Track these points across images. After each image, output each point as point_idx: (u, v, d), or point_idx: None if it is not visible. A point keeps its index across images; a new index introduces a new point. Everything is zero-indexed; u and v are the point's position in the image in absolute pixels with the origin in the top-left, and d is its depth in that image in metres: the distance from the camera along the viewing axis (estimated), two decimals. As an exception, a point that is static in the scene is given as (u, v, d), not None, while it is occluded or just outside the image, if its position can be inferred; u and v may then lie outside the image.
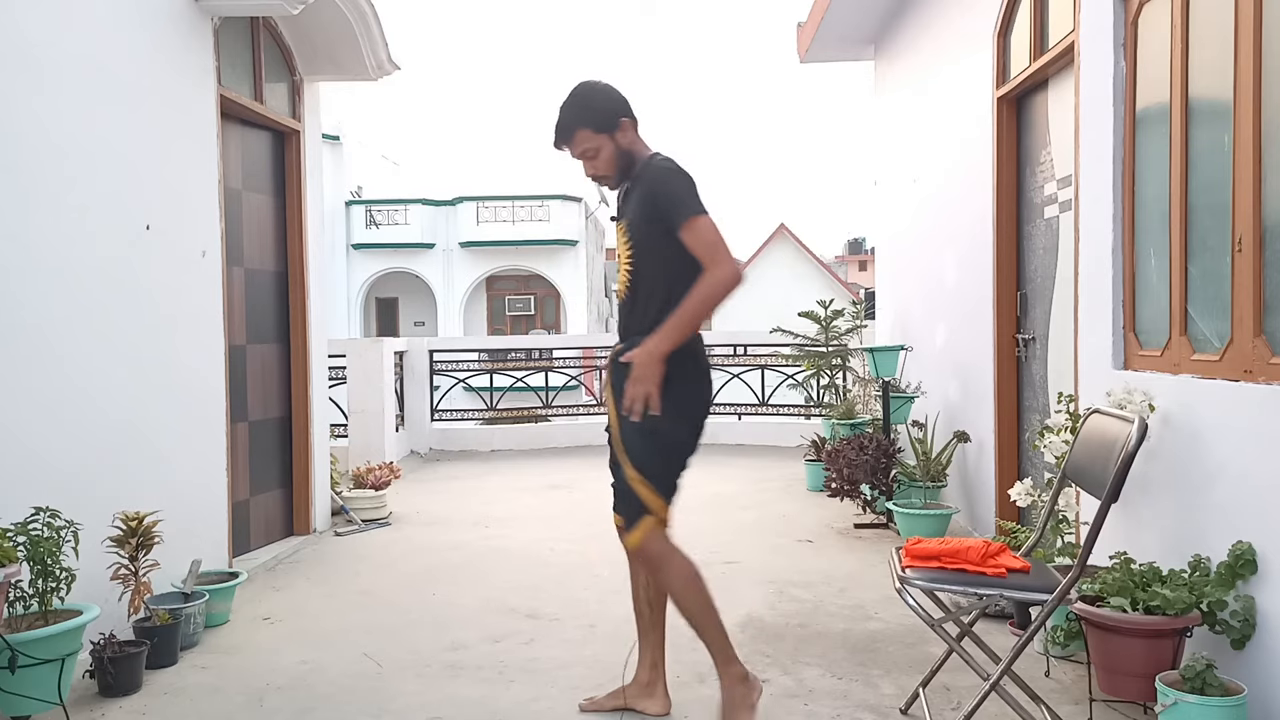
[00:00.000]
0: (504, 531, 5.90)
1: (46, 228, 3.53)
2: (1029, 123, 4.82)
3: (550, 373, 10.26)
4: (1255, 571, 2.69)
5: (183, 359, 4.42)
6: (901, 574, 2.84)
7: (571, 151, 2.99)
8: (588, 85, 3.01)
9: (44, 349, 3.51)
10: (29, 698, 2.94)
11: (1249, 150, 2.78)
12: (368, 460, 7.29)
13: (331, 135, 23.90)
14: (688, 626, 3.00)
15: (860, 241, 50.01)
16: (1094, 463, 2.87)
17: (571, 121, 2.95)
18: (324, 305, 6.07)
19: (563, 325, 28.72)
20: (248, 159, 5.32)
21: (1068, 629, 3.29)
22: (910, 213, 6.79)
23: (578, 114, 2.95)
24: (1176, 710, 2.51)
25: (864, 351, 6.86)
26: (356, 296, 28.20)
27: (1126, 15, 3.56)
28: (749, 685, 2.96)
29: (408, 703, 3.27)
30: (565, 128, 2.96)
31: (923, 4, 6.39)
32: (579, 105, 2.96)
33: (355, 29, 5.59)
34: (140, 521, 3.67)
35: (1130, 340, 3.57)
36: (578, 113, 2.95)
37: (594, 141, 2.95)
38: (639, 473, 2.93)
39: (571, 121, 2.95)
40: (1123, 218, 3.59)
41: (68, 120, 3.67)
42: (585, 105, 2.96)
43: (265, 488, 5.49)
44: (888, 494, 5.70)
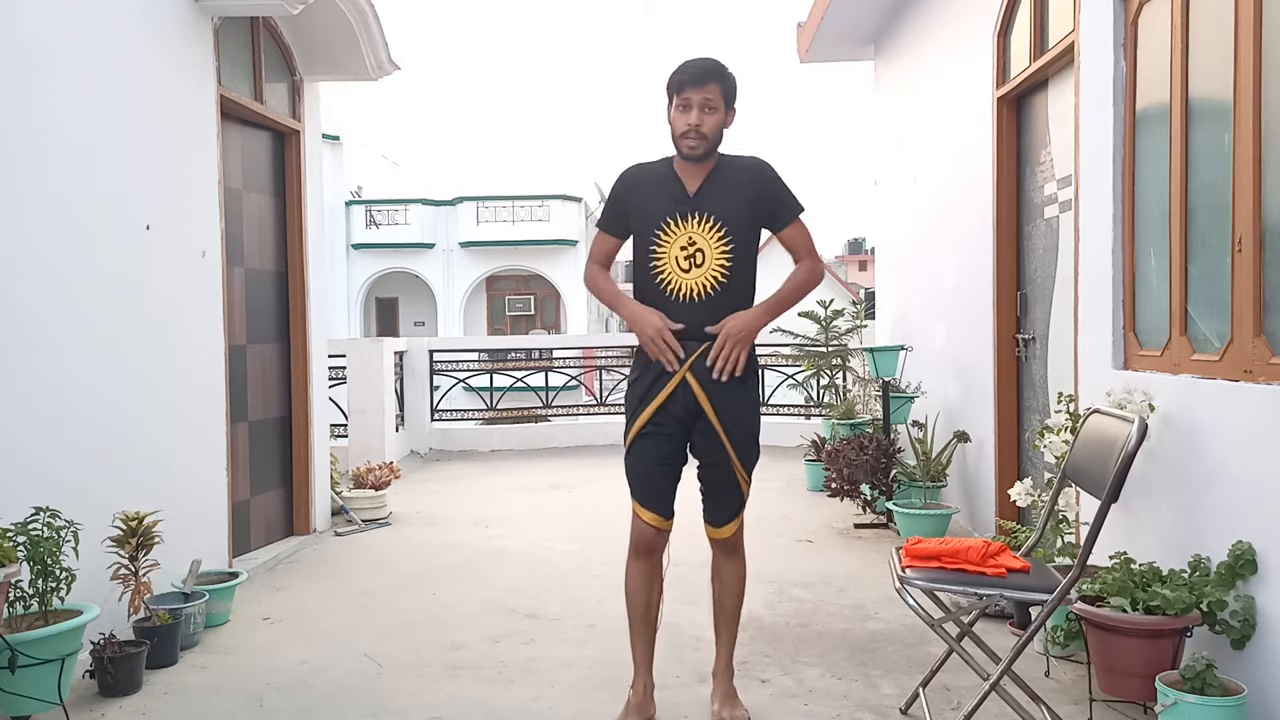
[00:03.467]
0: (504, 531, 5.90)
1: (46, 228, 3.53)
2: (1029, 123, 4.82)
3: (550, 373, 10.26)
4: (1255, 571, 2.69)
5: (183, 359, 4.42)
6: (901, 574, 2.84)
7: (696, 97, 2.87)
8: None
9: (44, 349, 3.51)
10: (29, 698, 2.94)
11: (1249, 150, 2.78)
12: (368, 460, 7.29)
13: (331, 135, 23.89)
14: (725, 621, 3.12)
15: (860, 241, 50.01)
16: (1094, 463, 2.87)
17: (716, 74, 2.90)
18: (324, 305, 6.07)
19: (563, 325, 28.73)
20: (248, 159, 5.32)
21: (1068, 629, 3.29)
22: (910, 213, 6.79)
23: (721, 72, 2.92)
24: (1176, 710, 2.51)
25: (864, 351, 6.86)
26: (356, 296, 28.20)
27: (1126, 15, 3.56)
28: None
29: (408, 703, 3.27)
30: (712, 73, 2.90)
31: (923, 4, 6.38)
32: (723, 67, 2.94)
33: (355, 29, 5.59)
34: (140, 521, 3.67)
35: (1130, 340, 3.56)
36: (721, 71, 2.92)
37: (718, 102, 2.90)
38: (745, 468, 3.01)
39: (716, 74, 2.90)
40: (1123, 218, 3.59)
41: (67, 120, 3.67)
42: (727, 72, 2.94)
43: (265, 488, 5.49)
44: (888, 494, 5.70)
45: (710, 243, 2.94)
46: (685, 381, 2.92)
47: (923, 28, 6.42)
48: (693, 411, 2.94)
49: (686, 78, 2.89)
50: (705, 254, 2.93)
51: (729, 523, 3.05)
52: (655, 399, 2.95)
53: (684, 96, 2.88)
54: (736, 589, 3.13)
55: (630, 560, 3.06)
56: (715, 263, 2.94)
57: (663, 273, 2.96)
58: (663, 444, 2.98)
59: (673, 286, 2.95)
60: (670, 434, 2.98)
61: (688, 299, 2.94)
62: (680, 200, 2.96)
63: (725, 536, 3.07)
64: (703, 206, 2.94)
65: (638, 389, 3.01)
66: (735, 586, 3.12)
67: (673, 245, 2.95)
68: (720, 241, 2.94)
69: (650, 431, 2.97)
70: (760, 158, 3.06)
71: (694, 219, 2.94)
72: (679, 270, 2.95)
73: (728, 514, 3.05)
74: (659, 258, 2.96)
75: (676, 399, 2.94)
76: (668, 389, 2.93)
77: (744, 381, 2.99)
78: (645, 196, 3.02)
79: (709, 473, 3.03)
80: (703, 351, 2.91)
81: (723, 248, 2.94)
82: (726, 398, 2.94)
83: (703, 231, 2.94)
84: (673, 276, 2.95)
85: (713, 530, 3.08)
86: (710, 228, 2.94)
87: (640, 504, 3.01)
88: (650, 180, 3.03)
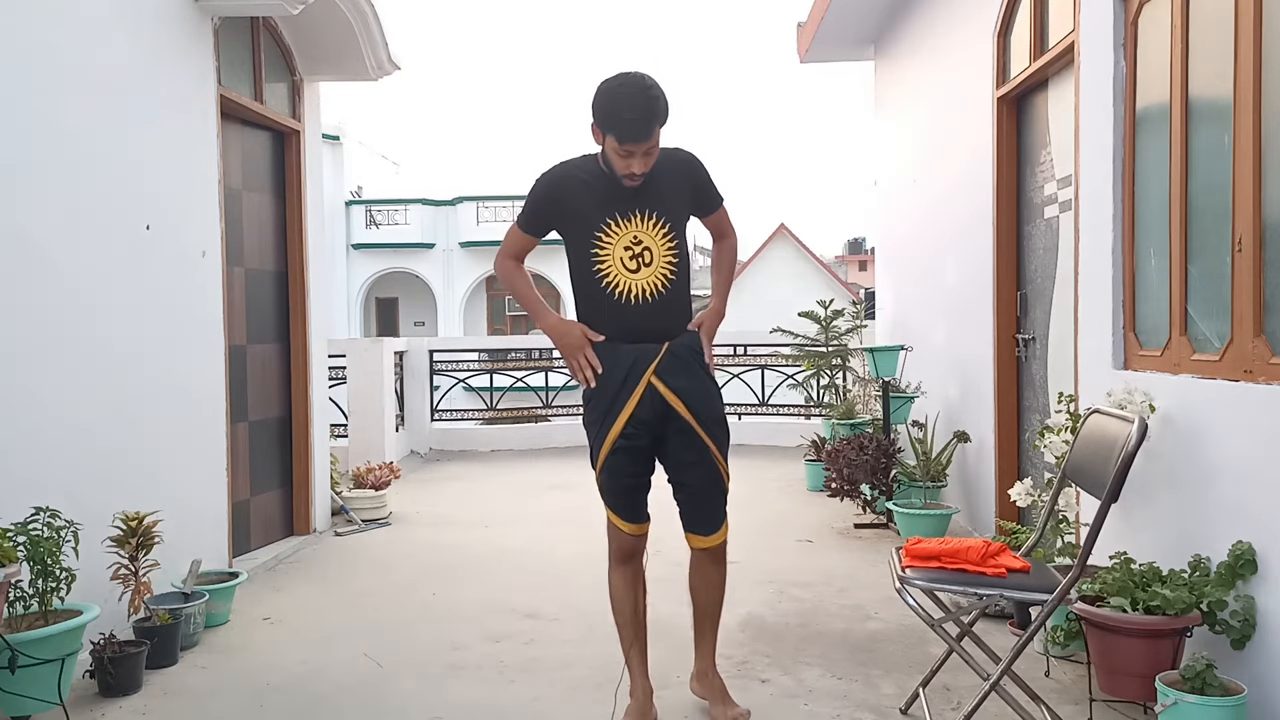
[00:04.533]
0: (504, 531, 5.90)
1: (46, 227, 3.53)
2: (1029, 123, 4.82)
3: (550, 373, 10.26)
4: (1255, 571, 2.69)
5: (183, 359, 4.42)
6: (901, 574, 2.84)
7: (645, 147, 2.74)
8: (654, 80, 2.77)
9: (43, 349, 3.51)
10: (29, 698, 2.94)
11: (1249, 150, 2.78)
12: (368, 460, 7.28)
13: (331, 135, 23.89)
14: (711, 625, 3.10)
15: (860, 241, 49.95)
16: (1094, 463, 2.87)
17: (658, 117, 2.73)
18: (324, 305, 6.07)
19: (563, 325, 28.67)
20: (248, 159, 5.32)
21: (1068, 629, 3.29)
22: (910, 213, 6.79)
23: (662, 112, 2.73)
24: (1176, 710, 2.51)
25: (864, 351, 6.86)
26: (356, 296, 28.19)
27: (1126, 15, 3.56)
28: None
29: (408, 703, 3.27)
30: (653, 120, 2.72)
31: (923, 4, 6.38)
32: (660, 102, 2.73)
33: (355, 29, 5.59)
34: (140, 521, 3.67)
35: (1130, 340, 3.56)
36: (662, 110, 2.73)
37: (657, 140, 2.78)
38: (724, 456, 2.96)
39: (658, 117, 2.73)
40: (1123, 218, 3.59)
41: (67, 120, 3.67)
42: (663, 105, 2.74)
43: (265, 488, 5.49)
44: (888, 494, 5.70)
45: (657, 240, 2.85)
46: (651, 386, 2.85)
47: (923, 28, 6.42)
48: (663, 415, 2.87)
49: (628, 135, 2.71)
50: (653, 252, 2.84)
51: (718, 529, 2.98)
52: (623, 410, 2.86)
53: (627, 147, 2.73)
54: (721, 590, 3.11)
55: (613, 569, 3.05)
56: (663, 260, 2.86)
57: (608, 275, 2.85)
58: (636, 457, 2.91)
59: (621, 289, 2.84)
60: (641, 445, 2.91)
61: (639, 301, 2.84)
62: (617, 198, 2.84)
63: (716, 544, 2.99)
64: (646, 203, 2.84)
65: (600, 404, 2.91)
66: (721, 588, 3.11)
67: (617, 245, 2.84)
68: (666, 238, 2.86)
69: (621, 446, 2.88)
70: (687, 150, 2.98)
71: (637, 216, 2.84)
72: (625, 271, 2.84)
73: (717, 518, 2.98)
74: (602, 260, 2.84)
75: (645, 405, 2.86)
76: (635, 396, 2.85)
77: (705, 370, 2.97)
78: (579, 196, 2.87)
79: (689, 474, 2.93)
80: (666, 352, 2.86)
81: (668, 244, 2.87)
82: (695, 391, 2.89)
83: (648, 229, 2.85)
84: (620, 278, 2.84)
85: (701, 540, 2.99)
86: (655, 224, 2.85)
87: (620, 516, 2.97)
88: (580, 179, 2.89)
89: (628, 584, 3.04)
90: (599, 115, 2.77)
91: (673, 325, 2.92)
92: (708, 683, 3.10)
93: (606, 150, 2.81)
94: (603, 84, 2.78)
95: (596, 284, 2.87)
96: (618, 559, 3.03)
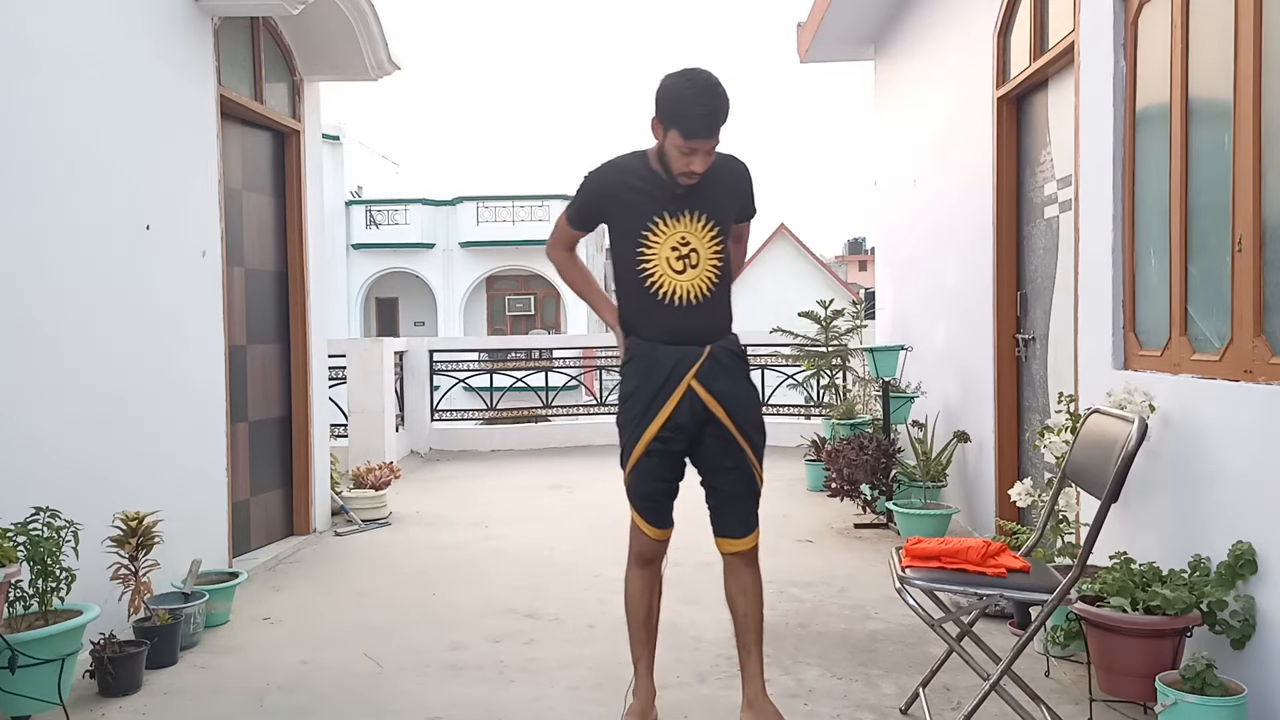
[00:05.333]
0: (504, 531, 5.90)
1: (46, 228, 3.53)
2: (1029, 123, 4.82)
3: (550, 373, 10.26)
4: (1255, 571, 2.69)
5: (183, 359, 4.42)
6: (901, 574, 2.84)
7: (709, 145, 2.71)
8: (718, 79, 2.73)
9: (44, 349, 3.51)
10: (29, 698, 2.94)
11: (1249, 150, 2.78)
12: (368, 460, 7.29)
13: (331, 135, 23.89)
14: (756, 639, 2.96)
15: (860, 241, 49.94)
16: (1094, 463, 2.87)
17: (726, 115, 2.70)
18: (324, 305, 6.07)
19: (563, 325, 28.72)
20: (248, 159, 5.32)
21: (1068, 629, 3.29)
22: (910, 213, 6.79)
23: (729, 108, 2.71)
24: (1176, 710, 2.51)
25: (864, 351, 6.86)
26: (356, 296, 28.19)
27: (1126, 15, 3.56)
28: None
29: (408, 703, 3.27)
30: (722, 118, 2.70)
31: (923, 4, 6.38)
32: (729, 100, 2.70)
33: (355, 29, 5.59)
34: (140, 521, 3.67)
35: (1130, 340, 3.56)
36: (729, 107, 2.71)
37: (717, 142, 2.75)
38: (760, 461, 2.93)
39: (726, 115, 2.70)
40: (1123, 218, 3.59)
41: (68, 120, 3.67)
42: (729, 101, 2.71)
43: (265, 488, 5.49)
44: (888, 494, 5.70)
45: (704, 241, 2.81)
46: (691, 390, 2.80)
47: (923, 28, 6.42)
48: (701, 419, 2.82)
49: (698, 130, 2.67)
50: (699, 254, 2.80)
51: (751, 532, 2.94)
52: (660, 412, 2.81)
53: (692, 144, 2.69)
54: (760, 598, 2.97)
55: (631, 569, 3.00)
56: (709, 263, 2.81)
57: (653, 275, 2.80)
58: (668, 461, 2.87)
59: (665, 290, 2.80)
60: (676, 450, 2.86)
61: (683, 302, 2.80)
62: (667, 199, 2.80)
63: (748, 548, 2.94)
64: (695, 204, 2.81)
65: (637, 404, 2.85)
66: (759, 596, 2.97)
67: (663, 245, 2.79)
68: (713, 240, 2.82)
69: (655, 449, 2.84)
70: (737, 157, 2.96)
71: (686, 216, 2.80)
72: (671, 272, 2.79)
73: (750, 522, 2.93)
74: (648, 259, 2.80)
75: (684, 409, 2.81)
76: (674, 399, 2.80)
77: (746, 374, 2.94)
78: (628, 194, 2.83)
79: (725, 478, 2.89)
80: (708, 356, 2.81)
81: (715, 247, 2.83)
82: (735, 396, 2.85)
83: (695, 230, 2.80)
84: (665, 279, 2.80)
85: (733, 544, 2.92)
86: (703, 226, 2.81)
87: (645, 520, 2.92)
88: (630, 177, 2.84)
89: (644, 587, 2.99)
90: (664, 109, 2.71)
91: (715, 328, 2.87)
92: (760, 711, 2.90)
93: (666, 147, 2.74)
94: (668, 79, 2.73)
95: (641, 284, 2.83)
96: (637, 562, 2.99)
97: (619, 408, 2.96)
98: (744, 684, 2.96)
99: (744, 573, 2.96)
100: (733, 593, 2.98)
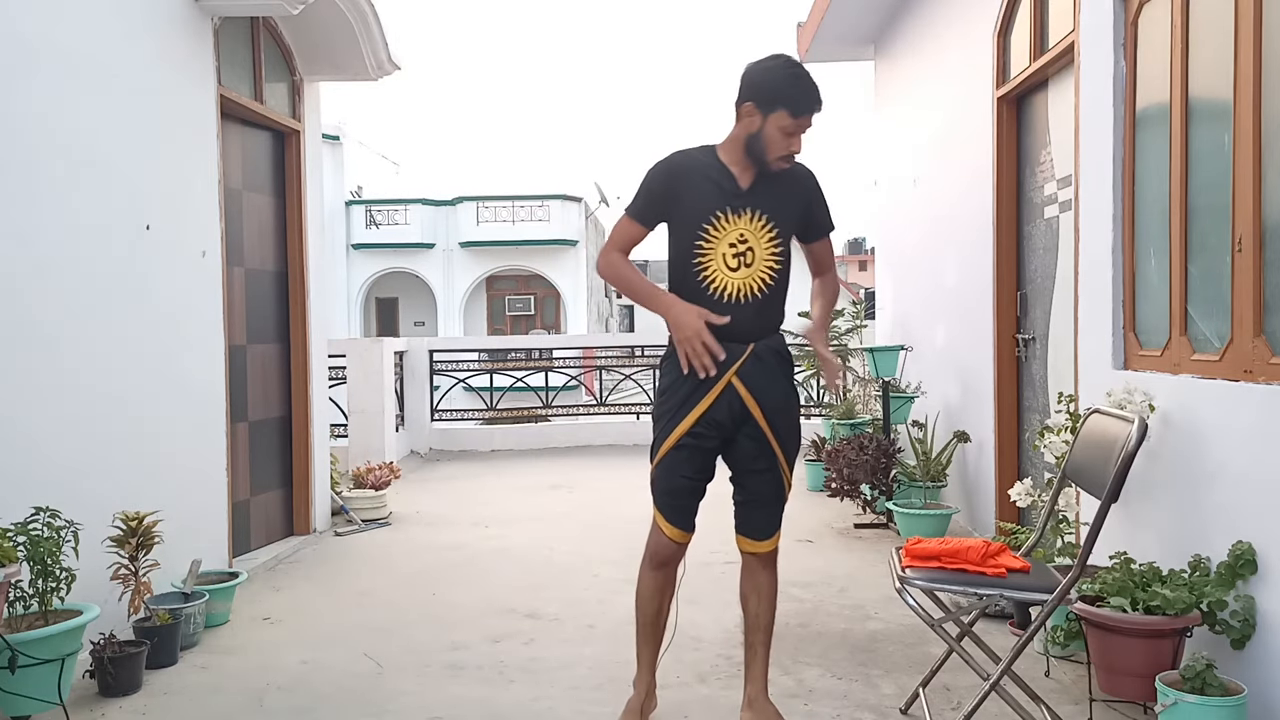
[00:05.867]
0: (504, 531, 5.90)
1: (47, 228, 3.53)
2: (1029, 123, 4.82)
3: (550, 373, 10.25)
4: (1255, 571, 2.69)
5: (183, 359, 4.42)
6: (901, 574, 2.83)
7: (808, 124, 2.76)
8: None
9: (44, 349, 3.51)
10: (29, 698, 2.94)
11: (1249, 150, 2.78)
12: (368, 460, 7.29)
13: (331, 135, 23.88)
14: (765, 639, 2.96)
15: (860, 241, 49.94)
16: (1094, 463, 2.87)
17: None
18: (324, 305, 6.07)
19: (563, 325, 28.71)
20: (248, 159, 5.32)
21: (1068, 629, 3.29)
22: (910, 213, 6.79)
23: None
24: (1176, 710, 2.51)
25: (864, 351, 6.86)
26: (356, 296, 28.19)
27: (1126, 15, 3.56)
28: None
29: (408, 703, 3.27)
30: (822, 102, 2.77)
31: (923, 4, 6.38)
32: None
33: (355, 29, 5.59)
34: (140, 521, 3.67)
35: (1130, 340, 3.56)
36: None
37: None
38: (791, 467, 2.92)
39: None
40: (1123, 218, 3.59)
41: (68, 120, 3.67)
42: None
43: (265, 488, 5.49)
44: (888, 494, 5.70)
45: (761, 241, 2.79)
46: (731, 386, 2.77)
47: (923, 28, 6.42)
48: (739, 417, 2.79)
49: (810, 107, 2.73)
50: (755, 253, 2.78)
51: (773, 535, 2.92)
52: (697, 407, 2.78)
53: (801, 121, 2.73)
54: (773, 601, 2.97)
55: (645, 569, 2.96)
56: (764, 263, 2.79)
57: (707, 270, 2.78)
58: (698, 459, 2.83)
59: (718, 285, 2.78)
60: (708, 447, 2.83)
61: (734, 300, 2.77)
62: (734, 193, 2.78)
63: (768, 550, 2.93)
64: (757, 203, 2.79)
65: (674, 396, 2.82)
66: (772, 599, 2.96)
67: (722, 241, 2.77)
68: (771, 241, 2.80)
69: (687, 444, 2.81)
70: (809, 167, 2.94)
71: (747, 214, 2.78)
72: (726, 269, 2.77)
73: (773, 525, 2.91)
74: (705, 254, 2.78)
75: (721, 406, 2.78)
76: (712, 394, 2.77)
77: (789, 378, 2.93)
78: (694, 186, 2.80)
79: (755, 480, 2.88)
80: (750, 354, 2.78)
81: (773, 248, 2.80)
82: (774, 399, 2.81)
83: (754, 229, 2.78)
84: (719, 275, 2.77)
85: (754, 544, 2.91)
86: (762, 225, 2.79)
87: (666, 519, 2.89)
88: (698, 169, 2.82)
89: (657, 589, 2.96)
90: (766, 93, 2.72)
91: (762, 328, 2.84)
92: (760, 711, 2.91)
93: (768, 131, 2.73)
94: (760, 65, 2.78)
95: (694, 278, 2.81)
96: (651, 562, 2.94)
97: (656, 400, 2.95)
98: (746, 682, 2.97)
99: (760, 574, 2.96)
100: (746, 592, 2.98)
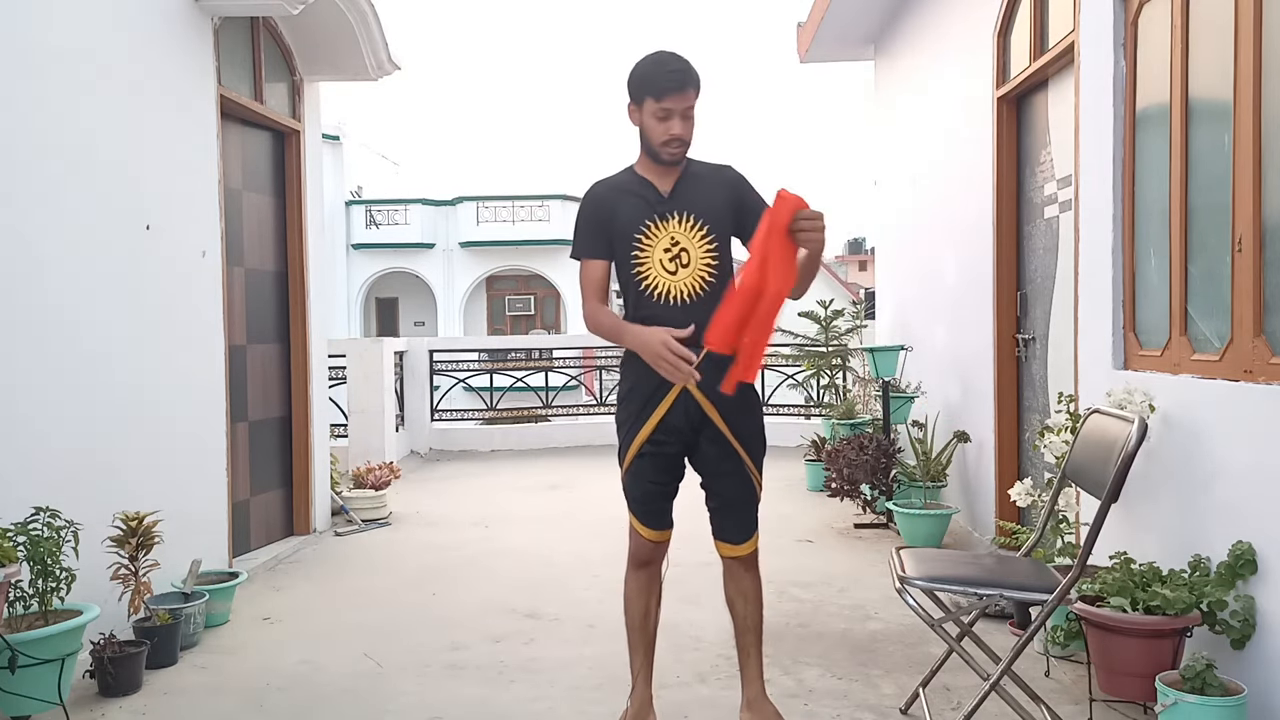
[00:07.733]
0: (504, 531, 5.90)
1: (47, 228, 3.53)
2: (1029, 123, 4.82)
3: (550, 373, 10.26)
4: (1255, 571, 2.69)
5: (183, 359, 4.42)
6: (901, 574, 2.83)
7: (678, 106, 2.76)
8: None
9: (44, 349, 3.51)
10: (29, 698, 2.94)
11: (1249, 150, 2.78)
12: (368, 460, 7.29)
13: (331, 135, 23.89)
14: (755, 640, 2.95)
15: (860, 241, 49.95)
16: (1094, 463, 2.87)
17: (694, 78, 2.78)
18: (324, 305, 6.08)
19: (563, 325, 28.72)
20: (248, 159, 5.32)
21: (1068, 629, 3.29)
22: (910, 213, 6.79)
23: (697, 76, 2.80)
24: (1176, 710, 2.51)
25: (864, 351, 6.86)
26: (356, 296, 28.19)
27: (1126, 15, 3.56)
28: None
29: (408, 703, 3.27)
30: (691, 78, 2.77)
31: (923, 4, 6.38)
32: (695, 68, 2.80)
33: (355, 29, 5.59)
34: (140, 521, 3.67)
35: (1130, 340, 3.56)
36: (697, 74, 2.80)
37: (694, 107, 2.81)
38: (758, 467, 2.92)
39: (694, 78, 2.78)
40: (1123, 218, 3.59)
41: (67, 120, 3.67)
42: (697, 72, 2.80)
43: (265, 488, 5.49)
44: (888, 494, 5.70)
45: (694, 241, 2.83)
46: (686, 391, 2.79)
47: (923, 28, 6.43)
48: (696, 422, 2.82)
49: (669, 85, 2.74)
50: (690, 253, 2.82)
51: (749, 538, 2.93)
52: (655, 414, 2.81)
53: (664, 105, 2.75)
54: (759, 601, 2.98)
55: (630, 570, 2.99)
56: (701, 262, 2.82)
57: (647, 278, 2.82)
58: (662, 463, 2.86)
59: (660, 290, 2.81)
60: (670, 453, 2.85)
61: (677, 302, 2.80)
62: (656, 201, 2.84)
63: (746, 553, 2.94)
64: (681, 206, 2.84)
65: (631, 405, 2.86)
66: (758, 599, 2.97)
67: (655, 248, 2.82)
68: (704, 240, 2.83)
69: (648, 451, 2.84)
70: (732, 165, 2.96)
71: (674, 218, 2.83)
72: (664, 273, 2.81)
73: (748, 528, 2.93)
74: (642, 263, 2.83)
75: (678, 411, 2.80)
76: (667, 401, 2.79)
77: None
78: (622, 205, 2.87)
79: (722, 484, 2.89)
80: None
81: (707, 245, 2.83)
82: (731, 400, 2.79)
83: (684, 230, 2.82)
84: (659, 280, 2.82)
85: (732, 548, 2.92)
86: (692, 226, 2.83)
87: (641, 521, 2.92)
88: (620, 189, 2.90)
89: (641, 589, 2.98)
90: (635, 83, 2.79)
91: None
92: (759, 711, 2.92)
93: (645, 123, 2.80)
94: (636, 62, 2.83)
95: (637, 286, 2.85)
96: (634, 563, 2.98)
97: (616, 406, 2.97)
98: (744, 685, 2.97)
99: (743, 577, 2.97)
100: (732, 596, 2.98)
